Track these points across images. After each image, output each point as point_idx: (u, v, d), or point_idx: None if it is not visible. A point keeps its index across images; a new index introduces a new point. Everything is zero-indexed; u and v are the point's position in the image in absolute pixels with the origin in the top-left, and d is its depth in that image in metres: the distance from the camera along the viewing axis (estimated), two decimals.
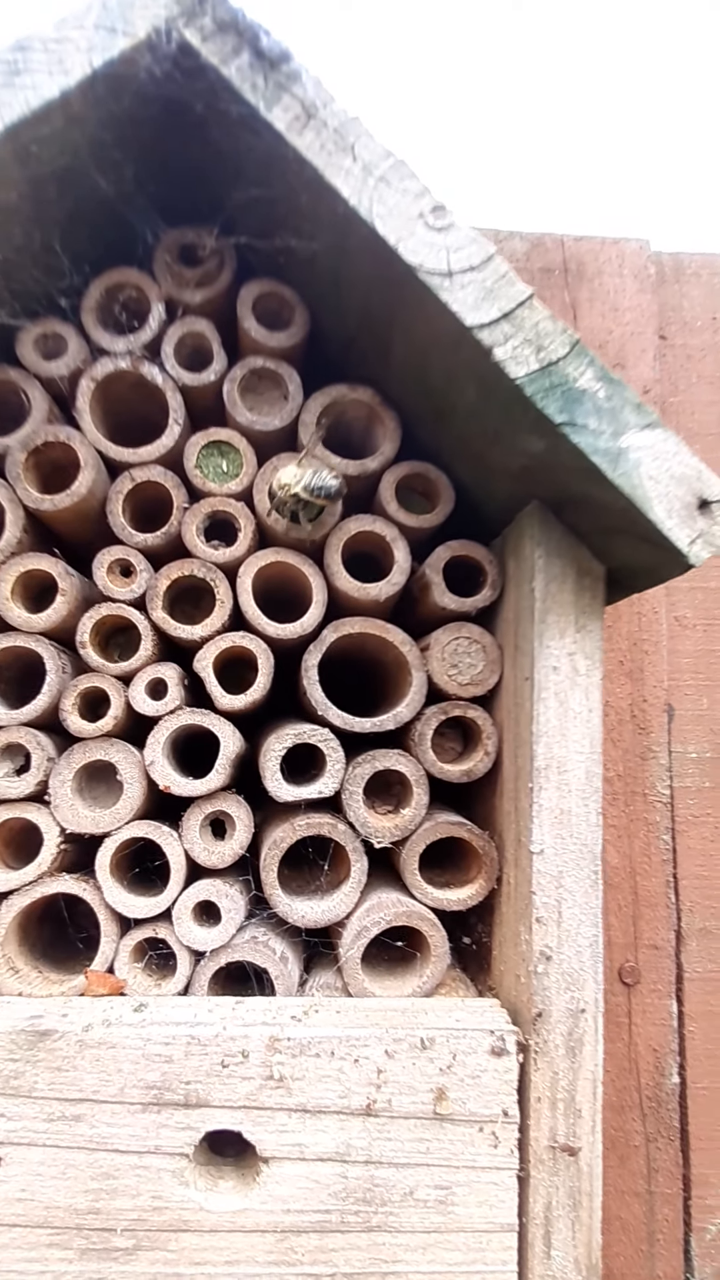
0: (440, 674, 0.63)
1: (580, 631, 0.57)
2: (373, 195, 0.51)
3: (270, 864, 0.60)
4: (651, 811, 1.11)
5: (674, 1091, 1.06)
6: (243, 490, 0.65)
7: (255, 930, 0.62)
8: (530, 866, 0.55)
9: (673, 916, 1.09)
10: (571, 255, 1.19)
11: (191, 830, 0.60)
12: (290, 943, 0.63)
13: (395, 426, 0.66)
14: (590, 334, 1.17)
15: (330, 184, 0.51)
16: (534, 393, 0.50)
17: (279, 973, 0.59)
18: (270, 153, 0.53)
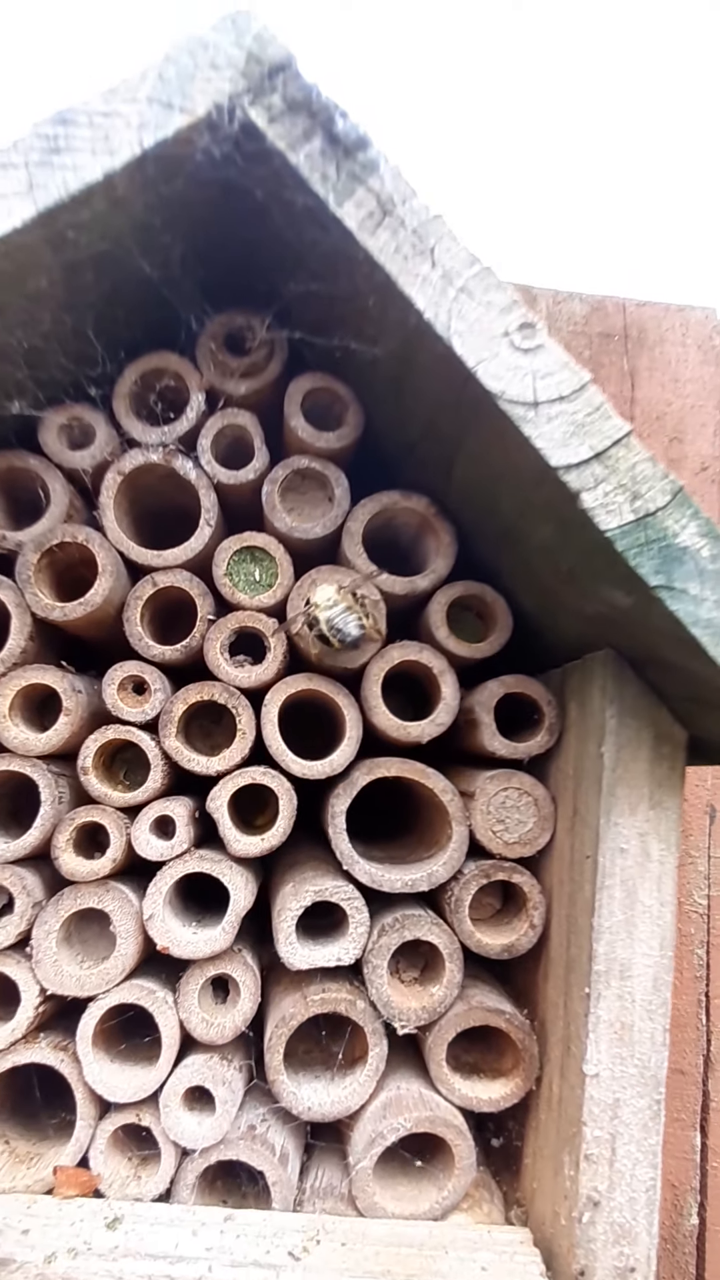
0: (484, 830, 0.55)
1: (655, 809, 0.49)
2: (452, 309, 0.44)
3: (276, 1045, 0.52)
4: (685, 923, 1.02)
5: (692, 1233, 0.95)
6: (275, 604, 0.58)
7: (253, 1114, 0.54)
8: (582, 1090, 0.46)
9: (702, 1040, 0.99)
10: (633, 321, 1.13)
11: (189, 995, 0.53)
12: (292, 1129, 0.54)
13: (450, 541, 0.59)
14: (649, 405, 1.10)
15: (404, 292, 0.44)
16: (626, 548, 0.42)
17: (277, 1178, 0.50)
18: (337, 250, 0.47)
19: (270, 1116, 0.54)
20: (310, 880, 0.55)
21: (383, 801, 0.61)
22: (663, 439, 1.12)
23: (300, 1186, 0.54)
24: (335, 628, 0.54)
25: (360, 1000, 0.53)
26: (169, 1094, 0.51)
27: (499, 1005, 0.53)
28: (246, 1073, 0.55)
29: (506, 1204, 0.54)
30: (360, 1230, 0.48)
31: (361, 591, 0.57)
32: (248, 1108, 0.55)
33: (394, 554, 0.63)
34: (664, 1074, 0.46)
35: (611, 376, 1.12)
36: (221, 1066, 0.52)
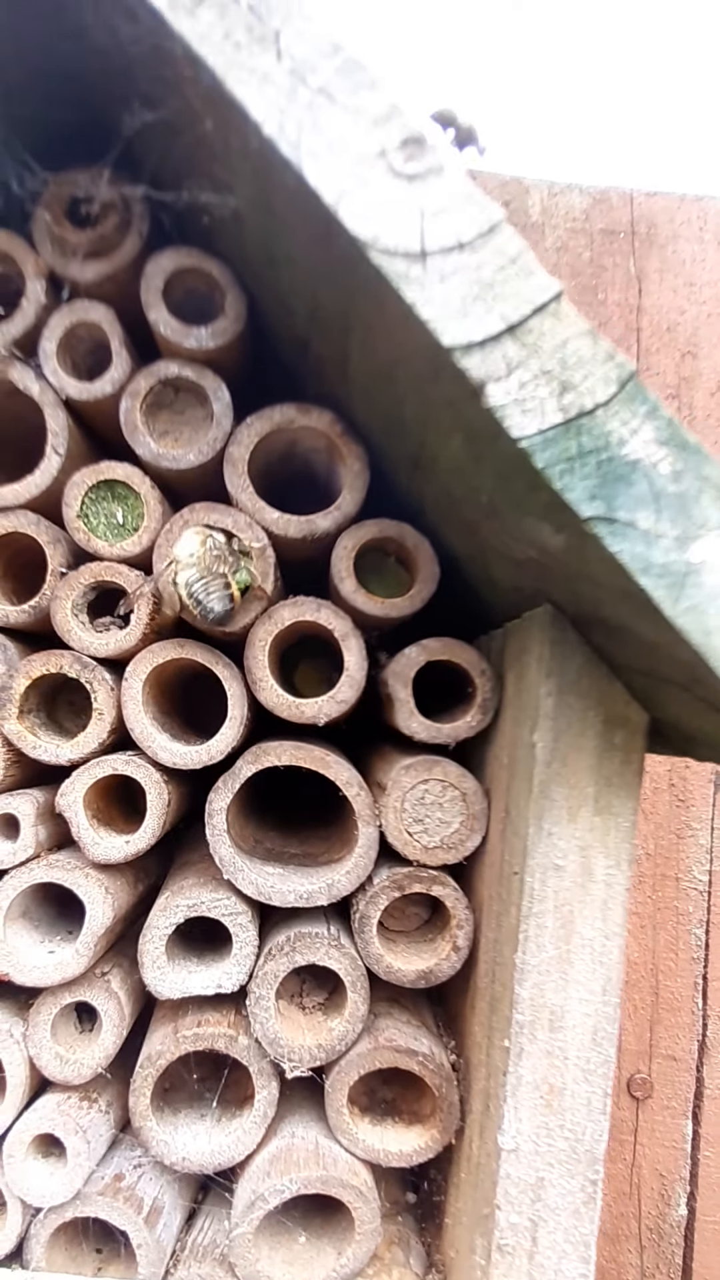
0: (398, 831, 0.44)
1: (601, 814, 0.37)
2: (304, 119, 0.30)
3: (143, 1087, 0.43)
4: (683, 899, 0.92)
5: (680, 1223, 0.89)
6: (142, 552, 0.47)
7: (126, 1160, 0.46)
8: (497, 1165, 0.37)
9: (698, 1024, 0.91)
10: (642, 215, 0.95)
11: (40, 1028, 0.44)
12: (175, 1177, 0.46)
13: (360, 469, 0.46)
14: (658, 313, 0.94)
15: (235, 98, 0.31)
16: (550, 462, 0.30)
17: (141, 1240, 0.42)
18: (157, 50, 0.33)
19: (145, 1162, 0.46)
20: (187, 891, 0.45)
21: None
22: (674, 353, 0.96)
23: (183, 1240, 0.46)
24: (195, 598, 0.42)
25: (243, 1036, 0.43)
26: (13, 1143, 0.43)
27: (412, 1044, 0.43)
28: (119, 1112, 0.46)
29: (428, 1265, 0.45)
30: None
31: (244, 539, 0.45)
32: (121, 1150, 0.46)
33: (313, 489, 0.51)
34: (602, 1149, 0.36)
35: (616, 280, 0.95)
36: (78, 1110, 0.44)
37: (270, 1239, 0.44)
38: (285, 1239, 0.44)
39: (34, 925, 0.47)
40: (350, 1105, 0.44)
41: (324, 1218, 0.45)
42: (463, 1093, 0.43)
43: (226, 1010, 0.45)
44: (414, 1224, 0.49)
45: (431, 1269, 0.45)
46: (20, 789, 0.47)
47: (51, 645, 0.46)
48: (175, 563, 0.43)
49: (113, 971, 0.46)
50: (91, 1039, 0.45)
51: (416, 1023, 0.46)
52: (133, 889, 0.49)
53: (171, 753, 0.45)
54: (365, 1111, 0.46)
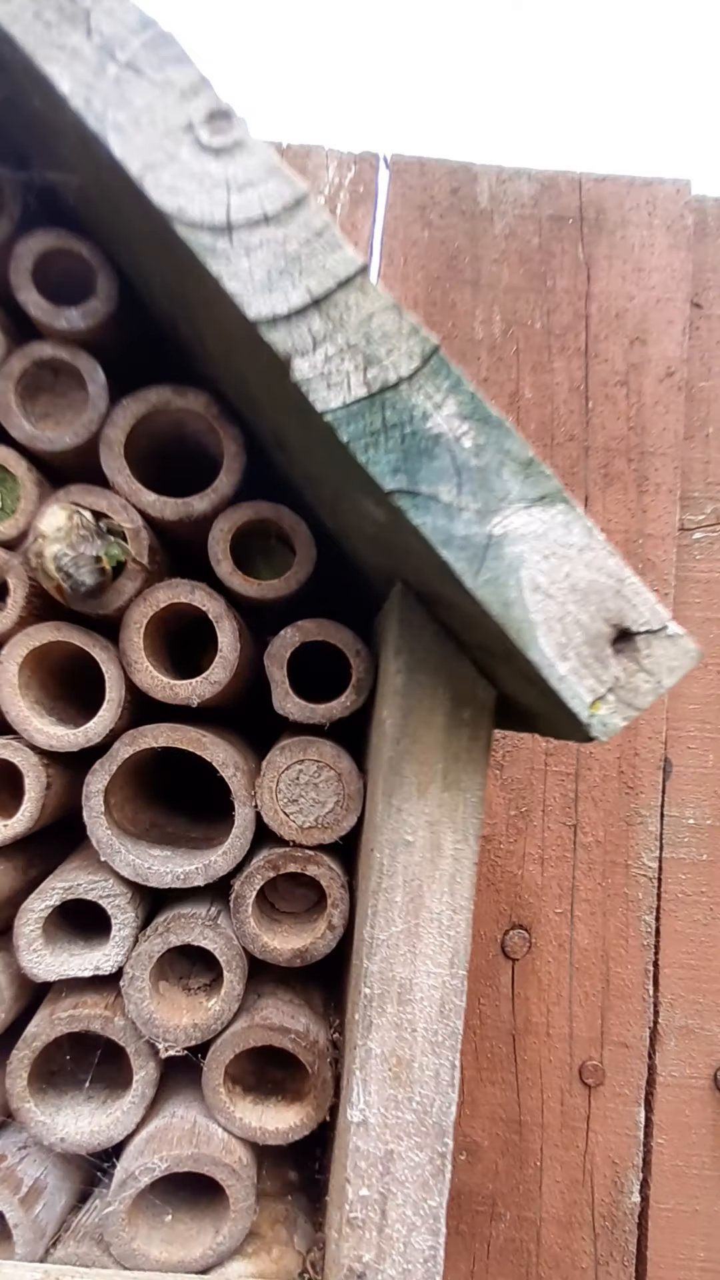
0: (274, 811, 0.45)
1: (450, 790, 0.37)
2: (110, 93, 0.30)
3: (19, 1069, 0.43)
4: (633, 886, 0.93)
5: (633, 1210, 0.90)
6: (18, 534, 0.47)
7: (8, 1143, 0.46)
8: (346, 1140, 0.37)
9: (649, 1011, 0.92)
10: (591, 200, 0.95)
11: None
12: (57, 1160, 0.46)
13: (237, 450, 0.46)
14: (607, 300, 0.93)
15: (45, 74, 0.31)
16: (354, 436, 0.30)
17: (18, 1220, 0.43)
18: None
19: (31, 1145, 0.46)
20: (66, 873, 0.45)
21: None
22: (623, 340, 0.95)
23: (69, 1222, 0.46)
24: (64, 570, 0.42)
25: (119, 1017, 0.44)
26: None
27: (287, 1022, 0.44)
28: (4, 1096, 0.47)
29: (313, 1242, 0.46)
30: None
31: (117, 519, 0.45)
32: (8, 1133, 0.47)
33: (212, 471, 0.51)
34: (451, 1120, 0.37)
35: (565, 267, 0.95)
36: None
37: (150, 1218, 0.44)
38: (162, 1216, 0.45)
39: None
40: (229, 1084, 0.45)
41: (207, 1198, 0.45)
42: (339, 1071, 0.44)
43: (107, 993, 0.45)
44: (305, 1203, 0.49)
45: (314, 1246, 0.45)
46: None
47: None
48: (42, 537, 0.43)
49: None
50: None
51: (299, 1001, 0.46)
52: (22, 874, 0.49)
53: (49, 735, 0.45)
54: (250, 1091, 0.47)
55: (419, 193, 0.94)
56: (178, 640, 0.55)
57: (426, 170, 0.94)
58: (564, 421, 0.92)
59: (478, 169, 0.97)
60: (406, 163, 0.94)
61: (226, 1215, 0.43)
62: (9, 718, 0.45)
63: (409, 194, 0.93)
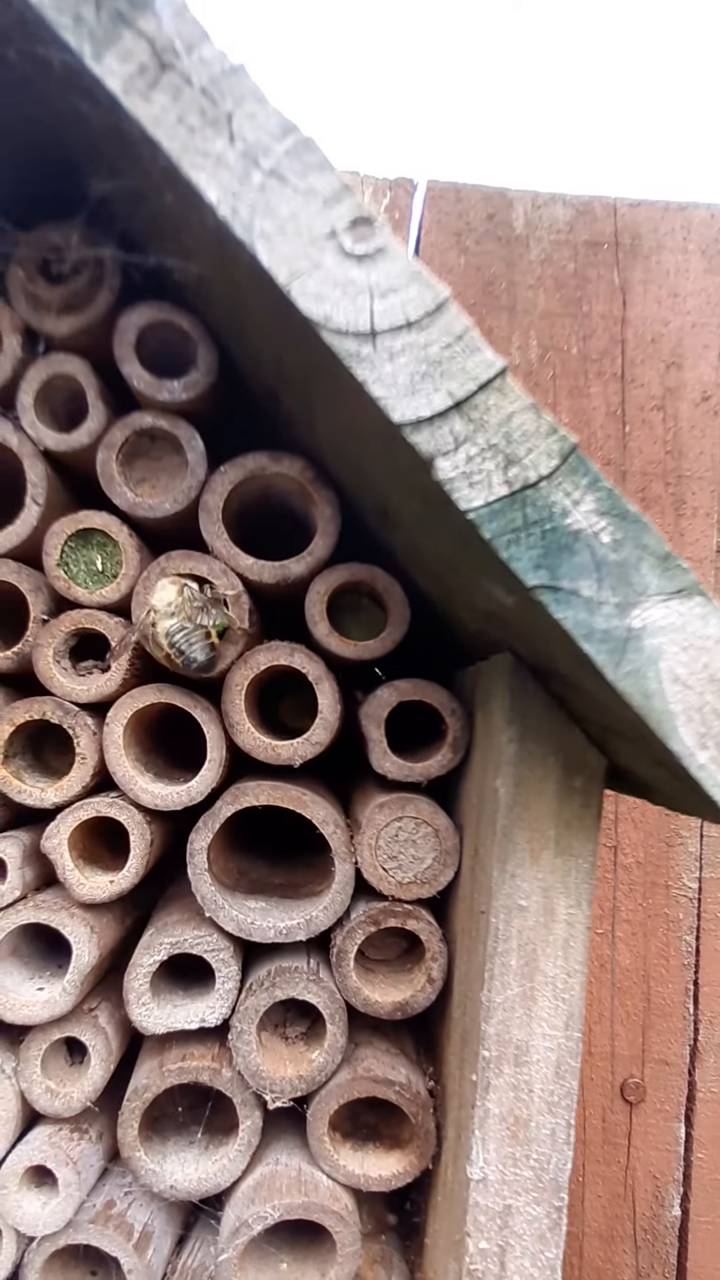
0: (373, 867, 0.46)
1: (562, 855, 0.39)
2: (256, 201, 0.32)
3: (130, 1119, 0.45)
4: (674, 906, 0.94)
5: (674, 1224, 0.91)
6: (121, 598, 0.48)
7: (117, 1187, 0.47)
8: (466, 1193, 0.38)
9: (689, 1029, 0.93)
10: (625, 225, 0.96)
11: (31, 1063, 0.45)
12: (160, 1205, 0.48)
13: (332, 515, 0.47)
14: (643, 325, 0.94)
15: (190, 180, 0.32)
16: (497, 533, 0.31)
17: (131, 1266, 0.44)
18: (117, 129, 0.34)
19: (136, 1190, 0.47)
20: (171, 928, 0.47)
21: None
22: (658, 365, 0.96)
23: (173, 1264, 0.47)
24: (177, 647, 0.43)
25: (226, 1069, 0.45)
26: (6, 1174, 0.44)
27: (390, 1074, 0.45)
28: (109, 1142, 0.48)
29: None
30: None
31: (219, 586, 0.46)
32: (112, 1179, 0.48)
33: (291, 525, 0.52)
34: (566, 1177, 0.38)
35: (600, 292, 0.96)
36: (69, 1142, 0.45)
37: (256, 1262, 0.45)
38: (270, 1263, 0.46)
39: (23, 962, 0.49)
40: (331, 1132, 0.46)
41: (309, 1240, 0.47)
42: (439, 1119, 0.45)
43: (211, 1044, 0.47)
44: (397, 1243, 0.50)
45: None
46: (6, 831, 0.48)
47: (33, 690, 0.48)
48: (154, 612, 0.44)
49: (100, 1007, 0.48)
50: (80, 1072, 0.46)
51: (395, 1051, 0.48)
52: (120, 924, 0.50)
53: (153, 794, 0.47)
54: (348, 1137, 0.48)
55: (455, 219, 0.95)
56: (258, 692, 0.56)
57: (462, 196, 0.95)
58: (601, 446, 0.93)
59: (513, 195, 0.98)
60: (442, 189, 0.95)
61: (333, 1259, 0.44)
62: (116, 777, 0.46)
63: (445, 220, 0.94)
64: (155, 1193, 0.45)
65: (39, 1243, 0.44)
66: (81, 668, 0.49)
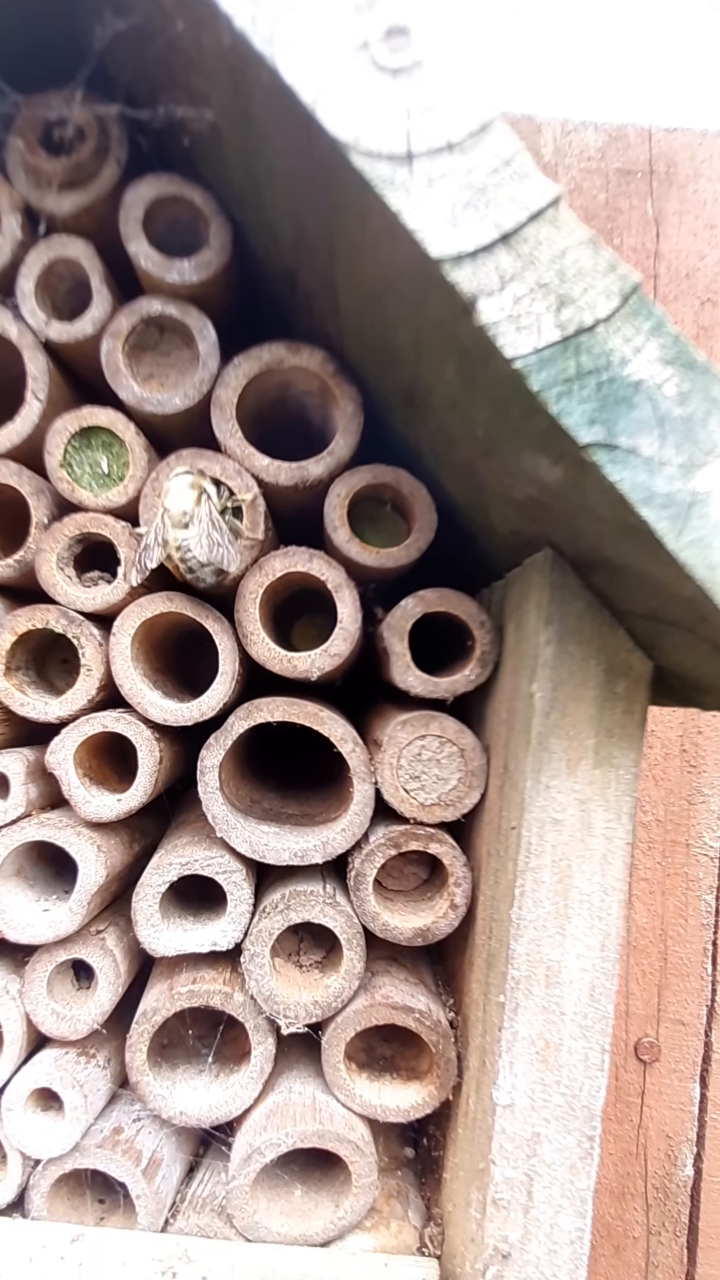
0: (394, 788, 0.43)
1: (602, 766, 0.36)
2: (277, 7, 0.28)
3: (139, 1043, 0.43)
4: (693, 865, 0.92)
5: (686, 1183, 0.91)
6: (128, 502, 0.45)
7: (125, 1113, 0.46)
8: (492, 1120, 0.36)
9: (706, 989, 0.91)
10: (660, 152, 0.90)
11: (36, 985, 0.43)
12: (174, 1130, 0.46)
13: (354, 411, 0.44)
14: (677, 258, 0.89)
15: None
16: (547, 384, 0.27)
17: (140, 1192, 0.42)
18: None
19: (145, 1116, 0.46)
20: (181, 849, 0.44)
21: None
22: (693, 301, 0.91)
23: (183, 1192, 0.46)
24: (187, 565, 0.40)
25: (238, 993, 0.43)
26: (11, 1096, 0.43)
27: (409, 1001, 0.43)
28: (118, 1067, 0.46)
29: (427, 1218, 0.45)
30: (230, 1260, 0.40)
31: (234, 488, 0.43)
32: (121, 1105, 0.47)
33: (307, 436, 0.49)
34: (600, 1104, 0.36)
35: (633, 223, 0.90)
36: (76, 1066, 0.44)
37: (269, 1191, 0.44)
38: (283, 1191, 0.44)
39: (29, 884, 0.47)
40: (347, 1061, 0.44)
41: (322, 1171, 0.45)
42: (460, 1049, 0.43)
43: (222, 968, 0.45)
44: (413, 1178, 0.49)
45: (430, 1222, 0.45)
46: (10, 747, 0.46)
47: (38, 600, 0.45)
48: (168, 514, 0.41)
49: (108, 930, 0.46)
50: (88, 996, 0.45)
51: (414, 980, 0.45)
52: (128, 848, 0.48)
53: (162, 709, 0.44)
54: (363, 1068, 0.46)
55: None
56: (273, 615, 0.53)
57: None
58: None
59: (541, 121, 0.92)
60: None
61: (348, 1190, 0.42)
62: (123, 691, 0.44)
63: None
64: (164, 1119, 0.44)
65: (45, 1166, 0.43)
66: (87, 579, 0.46)
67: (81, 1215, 0.45)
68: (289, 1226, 0.43)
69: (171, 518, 0.40)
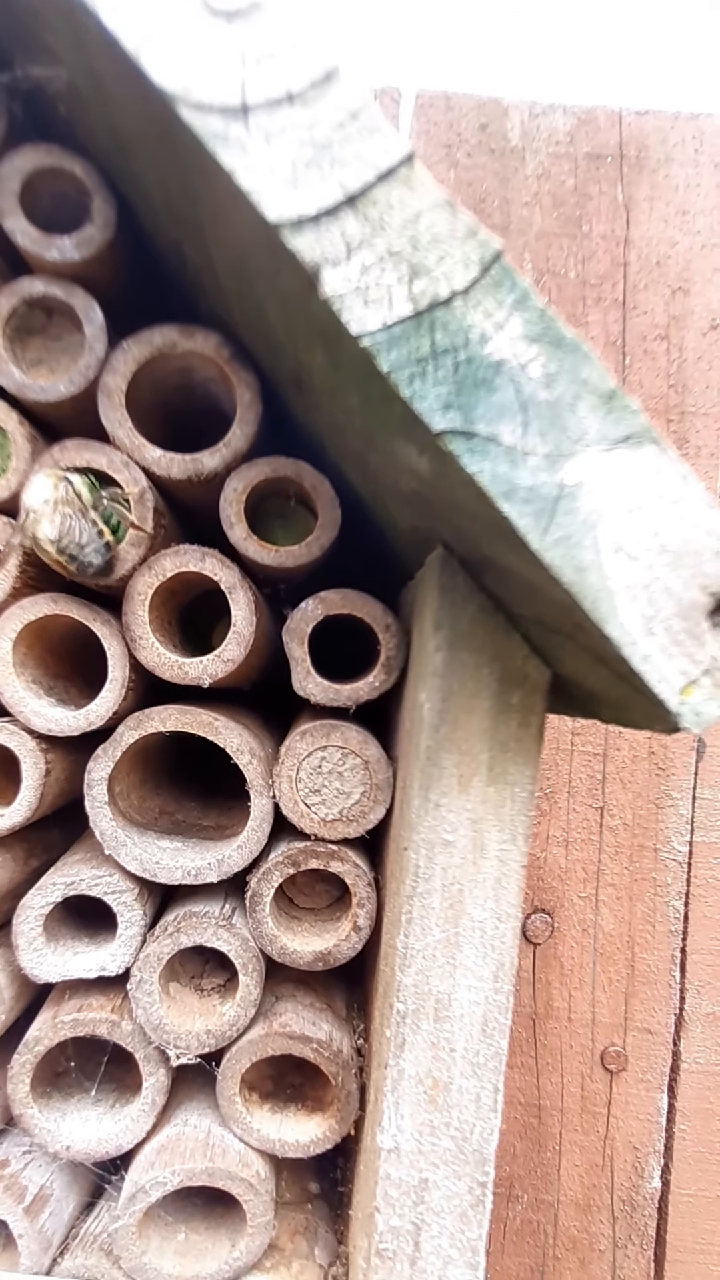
0: (293, 802, 0.40)
1: (495, 783, 0.33)
2: None
3: (21, 1074, 0.40)
4: (661, 870, 0.89)
5: (653, 1195, 0.89)
6: (10, 496, 0.42)
7: (13, 1148, 0.43)
8: (377, 1166, 0.33)
9: (674, 998, 0.89)
10: (631, 136, 0.87)
11: None
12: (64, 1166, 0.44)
13: (252, 399, 0.41)
14: (648, 246, 0.86)
15: None
16: (396, 365, 0.24)
17: (22, 1230, 0.40)
18: None
19: (36, 1149, 0.43)
20: (69, 867, 0.42)
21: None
22: (664, 290, 0.88)
23: (77, 1229, 0.43)
24: (68, 553, 0.38)
25: (126, 1021, 0.40)
26: None
27: (308, 1030, 0.40)
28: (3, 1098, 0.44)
29: (335, 1256, 0.43)
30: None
31: (120, 480, 0.40)
32: (12, 1137, 0.44)
33: (224, 429, 0.46)
34: (492, 1148, 0.33)
35: (602, 210, 0.87)
36: None
37: (162, 1229, 0.41)
38: (177, 1229, 0.42)
39: None
40: (246, 1092, 0.41)
41: (223, 1207, 0.43)
42: (364, 1081, 0.40)
43: (114, 994, 0.42)
44: (326, 1212, 0.46)
45: (336, 1261, 0.42)
46: None
47: None
48: (31, 511, 0.38)
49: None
50: None
51: (321, 1006, 0.43)
52: (21, 864, 0.46)
53: (46, 719, 0.41)
54: (267, 1098, 0.43)
55: (444, 130, 0.86)
56: (188, 619, 0.51)
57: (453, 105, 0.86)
58: None
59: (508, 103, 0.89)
60: (431, 97, 0.86)
61: (243, 1229, 0.40)
62: (4, 699, 0.41)
63: (434, 131, 0.86)
64: (50, 1153, 0.41)
65: None
66: None
67: None
68: (181, 1267, 0.40)
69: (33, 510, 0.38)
